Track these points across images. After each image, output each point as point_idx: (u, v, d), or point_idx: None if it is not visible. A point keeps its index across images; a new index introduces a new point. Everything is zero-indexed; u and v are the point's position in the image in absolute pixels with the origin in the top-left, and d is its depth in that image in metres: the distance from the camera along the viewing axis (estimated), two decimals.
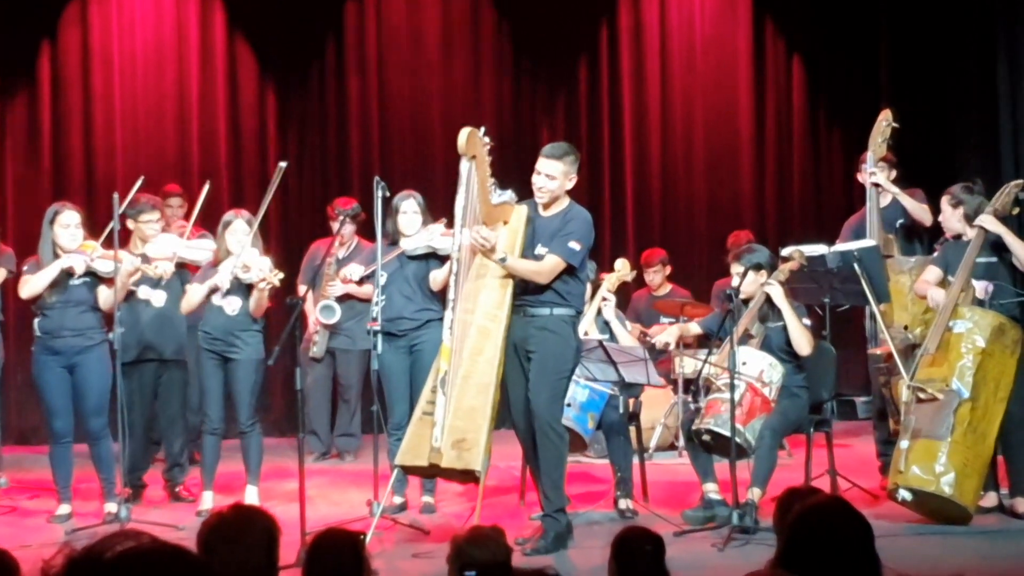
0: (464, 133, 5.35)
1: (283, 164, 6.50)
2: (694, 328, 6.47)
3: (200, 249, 6.62)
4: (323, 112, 9.79)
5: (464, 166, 5.39)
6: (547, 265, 5.49)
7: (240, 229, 6.32)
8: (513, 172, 5.79)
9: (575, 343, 5.60)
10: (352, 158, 9.80)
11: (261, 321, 6.42)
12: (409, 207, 6.40)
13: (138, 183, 6.87)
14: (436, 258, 6.32)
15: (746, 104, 10.31)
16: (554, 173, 5.52)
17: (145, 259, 6.51)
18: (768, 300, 6.12)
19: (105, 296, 6.22)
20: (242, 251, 6.25)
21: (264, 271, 6.17)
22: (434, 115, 9.83)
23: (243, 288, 6.32)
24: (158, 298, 6.59)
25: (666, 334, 6.44)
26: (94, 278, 6.23)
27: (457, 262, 5.46)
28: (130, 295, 6.45)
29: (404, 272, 6.34)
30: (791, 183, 10.41)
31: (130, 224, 6.65)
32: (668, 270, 8.87)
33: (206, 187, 7.16)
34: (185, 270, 6.70)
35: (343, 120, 9.81)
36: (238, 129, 9.60)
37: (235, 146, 9.59)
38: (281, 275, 6.24)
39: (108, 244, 6.20)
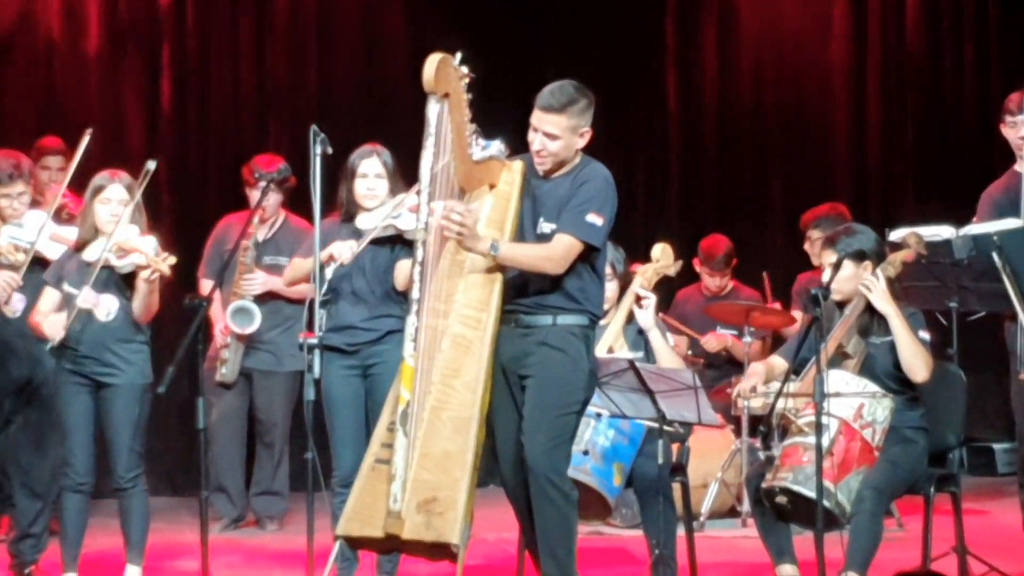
0: (432, 62, 5.35)
1: (151, 165, 6.39)
2: (779, 363, 6.36)
3: (67, 240, 6.59)
4: (232, 28, 9.77)
5: (432, 109, 5.39)
6: (558, 249, 5.48)
7: (117, 196, 6.32)
8: (504, 120, 5.78)
9: (587, 364, 5.60)
10: (275, 97, 9.79)
11: (147, 331, 6.41)
12: (371, 168, 6.43)
13: None
14: (404, 243, 6.32)
15: (841, 21, 10.30)
16: (556, 131, 5.52)
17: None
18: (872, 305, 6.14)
19: None
20: (117, 228, 6.23)
21: (148, 254, 6.16)
22: (395, 32, 9.81)
23: (119, 282, 6.32)
24: (16, 302, 6.57)
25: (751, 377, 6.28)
26: None
27: (423, 247, 5.45)
28: None
29: (360, 262, 6.36)
30: (903, 135, 10.41)
31: None
32: (733, 265, 8.90)
33: (87, 136, 6.94)
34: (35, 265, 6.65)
35: (262, 41, 9.79)
36: (116, 57, 9.59)
37: (111, 82, 9.57)
38: (172, 259, 6.23)
39: None
